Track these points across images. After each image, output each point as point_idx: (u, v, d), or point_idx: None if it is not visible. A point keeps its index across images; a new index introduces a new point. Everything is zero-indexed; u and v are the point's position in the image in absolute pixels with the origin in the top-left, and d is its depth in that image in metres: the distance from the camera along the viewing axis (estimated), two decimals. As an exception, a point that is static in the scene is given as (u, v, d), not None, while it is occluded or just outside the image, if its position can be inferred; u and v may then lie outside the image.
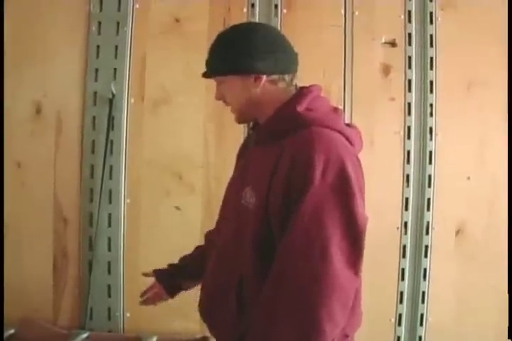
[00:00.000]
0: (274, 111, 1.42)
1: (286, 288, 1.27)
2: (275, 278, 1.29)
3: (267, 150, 1.40)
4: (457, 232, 2.49)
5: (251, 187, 1.39)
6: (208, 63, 1.49)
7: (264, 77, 1.42)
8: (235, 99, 1.46)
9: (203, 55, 1.49)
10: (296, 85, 1.48)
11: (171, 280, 1.74)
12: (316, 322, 1.24)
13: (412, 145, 2.47)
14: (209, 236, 1.76)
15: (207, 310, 1.55)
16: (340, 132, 1.39)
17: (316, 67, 2.38)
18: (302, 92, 1.44)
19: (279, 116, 1.41)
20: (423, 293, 2.49)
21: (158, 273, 1.76)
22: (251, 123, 1.61)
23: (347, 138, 1.40)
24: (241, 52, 1.40)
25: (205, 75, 1.51)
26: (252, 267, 1.38)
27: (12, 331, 2.26)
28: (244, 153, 1.60)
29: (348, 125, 1.48)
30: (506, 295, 2.34)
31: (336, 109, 1.49)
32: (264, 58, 1.41)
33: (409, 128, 2.47)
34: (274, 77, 1.43)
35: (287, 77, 1.45)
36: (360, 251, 1.30)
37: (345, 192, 1.28)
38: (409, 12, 2.46)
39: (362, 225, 1.29)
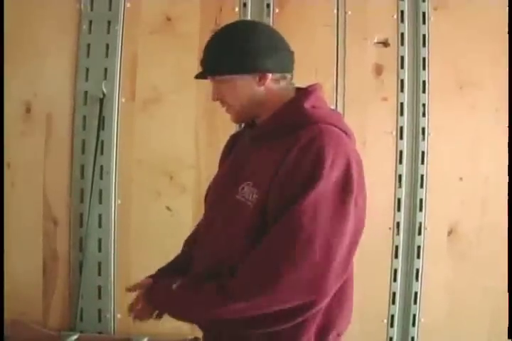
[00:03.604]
0: (280, 108, 1.40)
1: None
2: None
3: (271, 146, 1.38)
4: (449, 233, 2.49)
5: (251, 183, 1.36)
6: (207, 63, 1.43)
7: (270, 76, 1.39)
8: (237, 99, 1.42)
9: (194, 54, 1.48)
10: (293, 84, 1.47)
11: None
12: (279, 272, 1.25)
13: (404, 145, 2.47)
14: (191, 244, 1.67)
15: None
16: (343, 131, 1.40)
17: (308, 67, 2.37)
18: (308, 90, 1.44)
19: (286, 112, 1.40)
20: (415, 293, 2.49)
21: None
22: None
23: (349, 138, 1.42)
24: (245, 51, 1.37)
25: (201, 76, 1.46)
26: (241, 258, 1.35)
27: (1, 333, 2.24)
28: (232, 150, 1.58)
29: None
30: (499, 296, 2.35)
31: (333, 110, 1.52)
32: (270, 56, 1.39)
33: (401, 128, 2.46)
34: (277, 75, 1.41)
35: (288, 76, 1.44)
36: (351, 246, 1.30)
37: (345, 189, 1.29)
38: (402, 12, 2.46)
39: (352, 222, 1.29)
